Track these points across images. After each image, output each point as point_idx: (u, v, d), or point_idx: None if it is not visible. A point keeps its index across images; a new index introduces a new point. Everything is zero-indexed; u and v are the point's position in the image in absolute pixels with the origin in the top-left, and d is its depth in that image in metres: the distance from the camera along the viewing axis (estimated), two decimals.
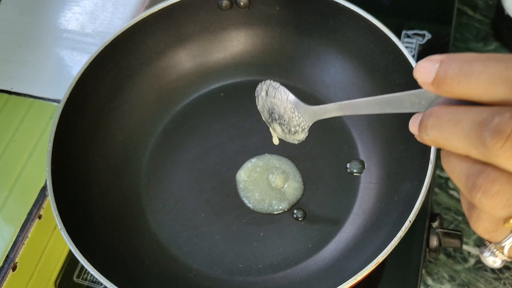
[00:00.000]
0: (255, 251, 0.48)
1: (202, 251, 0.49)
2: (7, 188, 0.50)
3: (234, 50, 0.57)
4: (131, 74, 0.53)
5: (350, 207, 0.49)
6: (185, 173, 0.53)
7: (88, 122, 0.50)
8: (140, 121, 0.54)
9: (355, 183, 0.50)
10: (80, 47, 0.58)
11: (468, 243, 0.59)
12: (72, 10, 0.61)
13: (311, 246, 0.47)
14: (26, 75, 0.57)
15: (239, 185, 0.51)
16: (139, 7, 0.60)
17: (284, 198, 0.50)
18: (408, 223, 0.40)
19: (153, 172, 0.53)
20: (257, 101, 0.42)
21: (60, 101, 0.48)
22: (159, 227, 0.50)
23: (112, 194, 0.50)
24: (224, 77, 0.57)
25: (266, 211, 0.50)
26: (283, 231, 0.49)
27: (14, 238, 0.47)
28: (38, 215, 0.48)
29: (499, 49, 0.70)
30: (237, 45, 0.57)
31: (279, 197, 0.50)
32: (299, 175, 0.51)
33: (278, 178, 0.50)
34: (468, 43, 0.71)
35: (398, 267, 0.50)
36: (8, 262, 0.46)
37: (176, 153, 0.54)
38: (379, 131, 0.51)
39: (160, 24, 0.54)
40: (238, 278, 0.47)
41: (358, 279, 0.38)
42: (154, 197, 0.52)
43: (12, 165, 0.51)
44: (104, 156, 0.51)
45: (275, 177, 0.51)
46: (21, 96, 0.55)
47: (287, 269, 0.47)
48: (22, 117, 0.54)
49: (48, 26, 0.60)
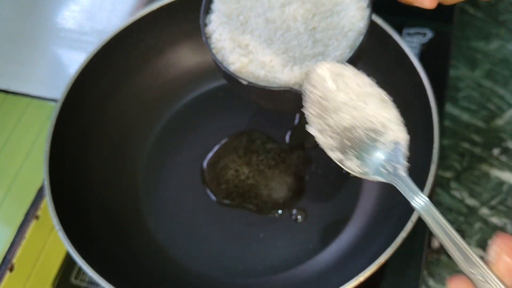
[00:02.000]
0: (255, 252, 0.48)
1: (201, 252, 0.48)
2: (4, 188, 0.50)
3: None
4: (129, 73, 0.53)
5: (351, 207, 0.49)
6: (184, 173, 0.52)
7: (86, 121, 0.50)
8: (138, 121, 0.54)
9: (356, 184, 0.50)
10: (77, 46, 0.58)
11: (470, 243, 0.59)
12: (69, 9, 0.61)
13: (311, 247, 0.47)
14: (23, 74, 0.57)
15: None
16: (137, 5, 0.60)
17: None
18: (411, 224, 0.40)
19: (151, 172, 0.53)
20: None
21: (57, 100, 0.48)
22: (157, 228, 0.50)
23: (110, 195, 0.49)
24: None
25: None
26: (283, 232, 0.49)
27: (11, 239, 0.47)
28: (35, 215, 0.48)
29: (501, 48, 0.70)
30: None
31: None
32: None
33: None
34: (469, 41, 0.71)
35: (400, 267, 0.49)
36: (5, 263, 0.46)
37: (175, 153, 0.54)
38: None
39: (159, 22, 0.53)
40: (238, 279, 0.47)
41: (360, 280, 0.38)
42: (152, 198, 0.51)
43: (9, 165, 0.51)
44: (102, 156, 0.50)
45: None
46: (18, 95, 0.55)
47: (287, 270, 0.46)
48: (19, 117, 0.54)
49: (45, 24, 0.60)
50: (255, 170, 0.52)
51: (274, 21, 0.35)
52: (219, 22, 0.36)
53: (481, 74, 0.69)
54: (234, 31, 0.35)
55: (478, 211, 0.61)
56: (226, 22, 0.36)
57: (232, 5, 0.36)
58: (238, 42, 0.35)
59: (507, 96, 0.67)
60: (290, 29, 0.35)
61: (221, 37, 0.36)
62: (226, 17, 0.36)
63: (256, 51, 0.34)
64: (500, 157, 0.63)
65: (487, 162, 0.63)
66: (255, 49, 0.34)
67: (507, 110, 0.66)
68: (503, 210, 0.60)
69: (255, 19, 0.36)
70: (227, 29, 0.35)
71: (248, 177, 0.51)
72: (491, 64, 0.69)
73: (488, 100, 0.67)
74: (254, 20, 0.36)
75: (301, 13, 0.35)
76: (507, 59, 0.69)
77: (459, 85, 0.69)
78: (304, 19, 0.35)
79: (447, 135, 0.65)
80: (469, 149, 0.64)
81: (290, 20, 0.35)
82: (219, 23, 0.36)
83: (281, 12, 0.35)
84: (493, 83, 0.68)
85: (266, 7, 0.36)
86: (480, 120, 0.66)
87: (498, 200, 0.61)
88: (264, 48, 0.34)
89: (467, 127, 0.66)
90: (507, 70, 0.68)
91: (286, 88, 0.33)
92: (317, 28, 0.35)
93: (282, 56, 0.34)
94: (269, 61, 0.34)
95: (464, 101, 0.67)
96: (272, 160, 0.52)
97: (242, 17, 0.36)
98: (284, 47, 0.34)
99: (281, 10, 0.35)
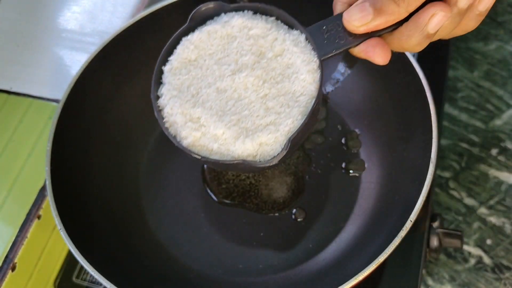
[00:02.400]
0: (255, 251, 0.48)
1: (202, 251, 0.48)
2: (6, 188, 0.50)
3: None
4: (131, 73, 0.53)
5: (351, 207, 0.49)
6: (185, 173, 0.53)
7: (87, 122, 0.50)
8: (140, 121, 0.54)
9: (355, 183, 0.50)
10: (79, 47, 0.58)
11: (468, 243, 0.59)
12: (71, 10, 0.61)
13: (311, 247, 0.47)
14: (25, 74, 0.57)
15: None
16: (139, 6, 0.60)
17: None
18: (409, 223, 0.40)
19: (152, 172, 0.53)
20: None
21: (59, 101, 0.48)
22: (158, 227, 0.50)
23: (111, 194, 0.49)
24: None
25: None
26: (283, 232, 0.49)
27: (13, 239, 0.47)
28: (37, 215, 0.48)
29: (499, 49, 0.70)
30: None
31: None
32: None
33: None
34: (468, 42, 0.71)
35: (399, 267, 0.50)
36: (7, 262, 0.46)
37: (176, 153, 0.54)
38: (379, 131, 0.51)
39: (159, 24, 0.53)
40: (238, 278, 0.47)
41: (359, 279, 0.38)
42: (153, 197, 0.52)
43: (11, 165, 0.51)
44: (103, 156, 0.51)
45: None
46: (20, 96, 0.55)
47: (287, 269, 0.47)
48: (21, 117, 0.54)
49: (47, 25, 0.60)
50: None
51: (225, 91, 0.35)
52: (170, 95, 0.36)
53: (479, 74, 0.70)
54: (185, 104, 0.35)
55: (477, 210, 0.61)
56: (177, 95, 0.35)
57: (182, 76, 0.36)
58: (189, 115, 0.35)
59: (506, 97, 0.67)
60: (241, 98, 0.35)
61: (172, 111, 0.35)
62: (177, 90, 0.35)
63: (208, 124, 0.34)
64: (499, 157, 0.63)
65: (486, 162, 0.63)
66: (207, 122, 0.34)
67: (505, 111, 0.66)
68: (501, 209, 0.61)
69: (206, 90, 0.35)
70: (178, 103, 0.35)
71: (248, 177, 0.51)
72: (490, 65, 0.70)
73: (487, 100, 0.67)
74: (205, 91, 0.35)
75: (251, 80, 0.34)
76: (506, 60, 0.69)
77: (458, 86, 0.69)
78: (254, 86, 0.34)
79: (446, 135, 0.66)
80: (468, 149, 0.65)
81: (241, 88, 0.35)
82: (170, 97, 0.36)
83: (231, 81, 0.35)
84: (491, 83, 0.68)
85: (216, 76, 0.35)
86: (478, 120, 0.66)
87: (496, 199, 0.61)
88: (215, 120, 0.34)
89: (466, 127, 0.66)
90: (505, 71, 0.69)
91: (239, 161, 0.33)
92: (268, 95, 0.34)
93: (234, 128, 0.34)
94: (221, 134, 0.34)
95: (462, 102, 0.68)
96: None
97: (193, 88, 0.35)
98: (236, 118, 0.34)
99: (231, 79, 0.35)
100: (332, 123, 0.54)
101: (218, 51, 0.36)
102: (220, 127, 0.34)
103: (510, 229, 0.59)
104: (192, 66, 0.36)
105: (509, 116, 0.66)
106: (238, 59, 0.35)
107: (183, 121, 0.35)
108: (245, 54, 0.35)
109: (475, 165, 0.63)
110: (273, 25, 0.36)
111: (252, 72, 0.35)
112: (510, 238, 0.59)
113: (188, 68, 0.36)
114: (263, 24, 0.36)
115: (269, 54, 0.35)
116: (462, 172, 0.63)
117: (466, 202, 0.62)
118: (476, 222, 0.60)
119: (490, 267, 0.58)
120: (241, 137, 0.34)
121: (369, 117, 0.52)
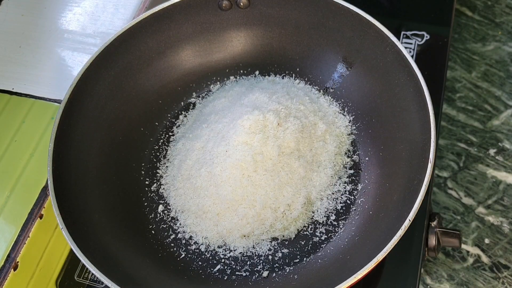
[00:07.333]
0: (256, 250, 0.48)
1: (203, 250, 0.49)
2: (8, 188, 0.50)
3: (234, 50, 0.57)
4: (132, 74, 0.54)
5: (350, 206, 0.49)
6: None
7: (89, 122, 0.50)
8: (141, 121, 0.54)
9: (355, 183, 0.50)
10: (81, 48, 0.58)
11: (467, 242, 0.60)
12: (73, 11, 0.61)
13: (311, 245, 0.48)
14: (27, 75, 0.57)
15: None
16: (140, 7, 0.60)
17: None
18: (408, 222, 0.40)
19: (153, 172, 0.53)
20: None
21: (61, 101, 0.48)
22: (159, 227, 0.50)
23: (113, 194, 0.50)
24: (224, 77, 0.58)
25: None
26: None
27: (15, 238, 0.47)
28: (39, 214, 0.49)
29: (497, 50, 0.70)
30: (237, 45, 0.57)
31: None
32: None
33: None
34: (466, 43, 0.72)
35: (397, 266, 0.50)
36: (9, 261, 0.46)
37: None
38: (378, 131, 0.51)
39: (161, 25, 0.54)
40: (239, 278, 0.47)
41: (358, 278, 0.39)
42: (155, 197, 0.52)
43: (13, 165, 0.51)
44: (105, 156, 0.51)
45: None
46: (22, 97, 0.56)
47: (287, 268, 0.47)
48: (23, 117, 0.54)
49: (49, 26, 0.61)
50: None
51: None
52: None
53: (478, 75, 0.70)
54: None
55: (475, 210, 0.62)
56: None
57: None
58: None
59: (504, 97, 0.67)
60: None
61: None
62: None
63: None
64: (497, 157, 0.64)
65: (484, 162, 0.64)
66: None
67: (503, 111, 0.67)
68: (499, 209, 0.61)
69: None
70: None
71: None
72: (488, 66, 0.70)
73: (485, 101, 0.67)
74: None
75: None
76: (504, 60, 0.70)
77: (456, 86, 0.69)
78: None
79: (444, 135, 0.66)
80: (466, 149, 0.65)
81: None
82: None
83: None
84: (489, 84, 0.69)
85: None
86: (476, 120, 0.67)
87: (494, 199, 0.62)
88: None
89: (464, 127, 0.66)
90: (503, 72, 0.69)
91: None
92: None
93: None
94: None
95: (461, 102, 0.68)
96: None
97: None
98: None
99: None
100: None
101: None
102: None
103: (508, 228, 0.60)
104: None
105: (506, 116, 0.66)
106: None
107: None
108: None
109: (473, 165, 0.63)
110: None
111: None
112: (508, 237, 0.59)
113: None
114: None
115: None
116: (460, 172, 0.64)
117: (464, 202, 0.62)
118: (474, 221, 0.61)
119: (488, 266, 0.58)
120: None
121: (368, 117, 0.52)
